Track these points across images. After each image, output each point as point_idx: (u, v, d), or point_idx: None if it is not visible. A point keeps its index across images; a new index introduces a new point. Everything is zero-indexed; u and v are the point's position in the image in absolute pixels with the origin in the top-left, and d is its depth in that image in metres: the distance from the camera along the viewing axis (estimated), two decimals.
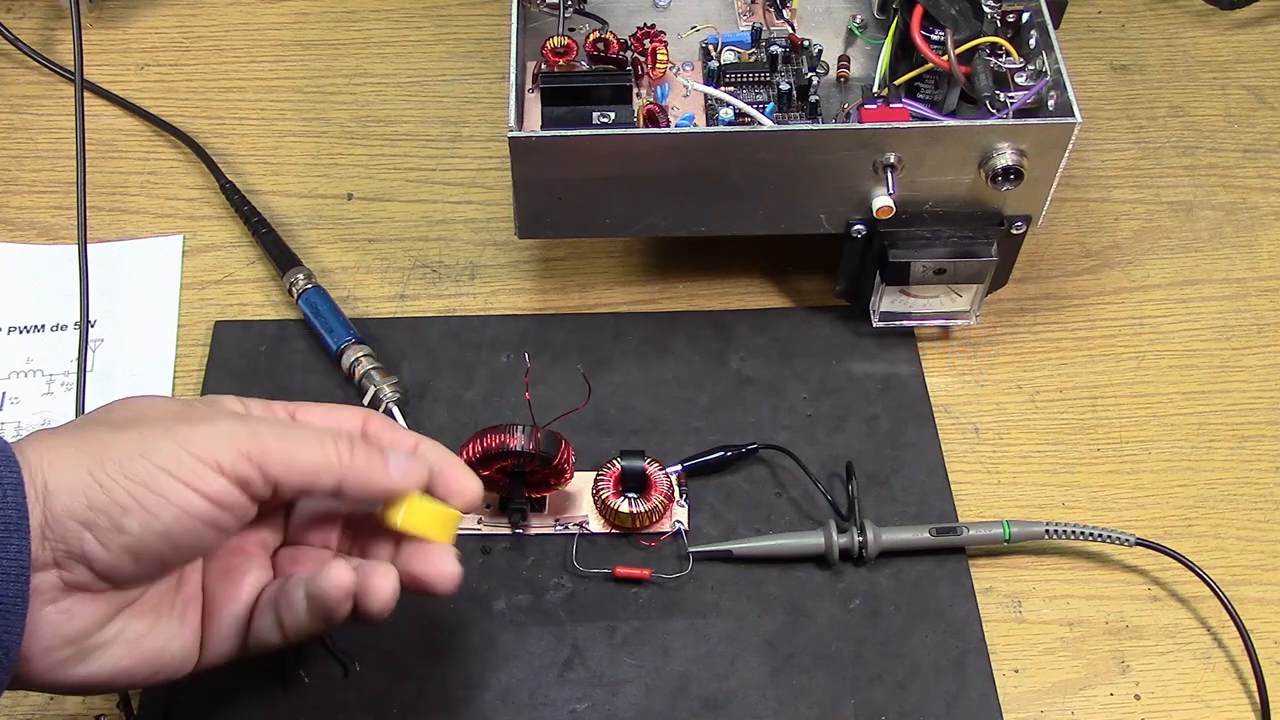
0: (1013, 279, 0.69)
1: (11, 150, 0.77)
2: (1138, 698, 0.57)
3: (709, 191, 0.63)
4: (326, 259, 0.72)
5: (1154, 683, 0.58)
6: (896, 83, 0.66)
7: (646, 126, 0.65)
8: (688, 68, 0.70)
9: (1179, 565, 0.60)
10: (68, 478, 0.43)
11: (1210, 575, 0.59)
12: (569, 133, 0.61)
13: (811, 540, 0.60)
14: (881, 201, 0.62)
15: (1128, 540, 0.60)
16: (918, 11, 0.64)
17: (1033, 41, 0.65)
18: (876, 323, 0.67)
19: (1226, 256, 0.73)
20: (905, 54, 0.66)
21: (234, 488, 0.45)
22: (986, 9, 0.64)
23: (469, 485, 0.52)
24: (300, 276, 0.68)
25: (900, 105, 0.63)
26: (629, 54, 0.68)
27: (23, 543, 0.42)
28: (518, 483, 0.59)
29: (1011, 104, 0.62)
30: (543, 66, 0.67)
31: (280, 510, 0.52)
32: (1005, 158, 0.60)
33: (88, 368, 0.65)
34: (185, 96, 0.80)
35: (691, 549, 0.60)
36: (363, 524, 0.53)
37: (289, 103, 0.80)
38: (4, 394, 0.66)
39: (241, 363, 0.67)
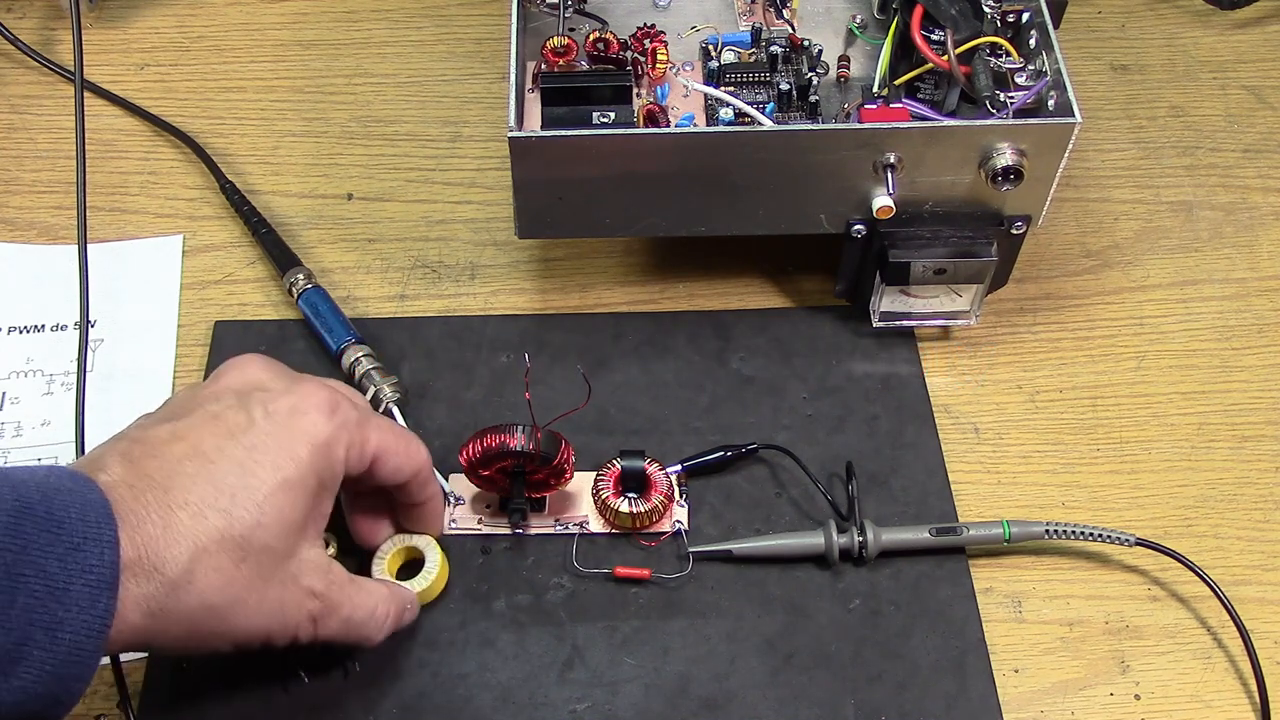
0: (1013, 279, 0.69)
1: (11, 150, 0.77)
2: (1138, 698, 0.57)
3: (709, 191, 0.63)
4: (326, 259, 0.72)
5: (1154, 683, 0.58)
6: (896, 83, 0.66)
7: (646, 126, 0.65)
8: (688, 68, 0.70)
9: (1179, 565, 0.60)
10: (132, 622, 0.46)
11: (1210, 575, 0.59)
12: (569, 133, 0.61)
13: (811, 540, 0.60)
14: (881, 201, 0.62)
15: (1128, 540, 0.60)
16: (918, 11, 0.64)
17: (1033, 41, 0.65)
18: (876, 323, 0.67)
19: (1226, 256, 0.73)
20: (905, 54, 0.66)
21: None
22: (986, 9, 0.64)
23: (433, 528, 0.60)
24: (300, 276, 0.68)
25: (900, 105, 0.63)
26: (629, 54, 0.68)
27: (110, 603, 0.44)
28: (518, 483, 0.59)
29: (1011, 104, 0.62)
30: (543, 66, 0.67)
31: None
32: (1005, 158, 0.60)
33: (88, 368, 0.65)
34: (185, 96, 0.80)
35: (691, 549, 0.60)
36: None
37: (289, 103, 0.80)
38: (4, 394, 0.66)
39: None
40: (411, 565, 0.59)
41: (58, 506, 0.44)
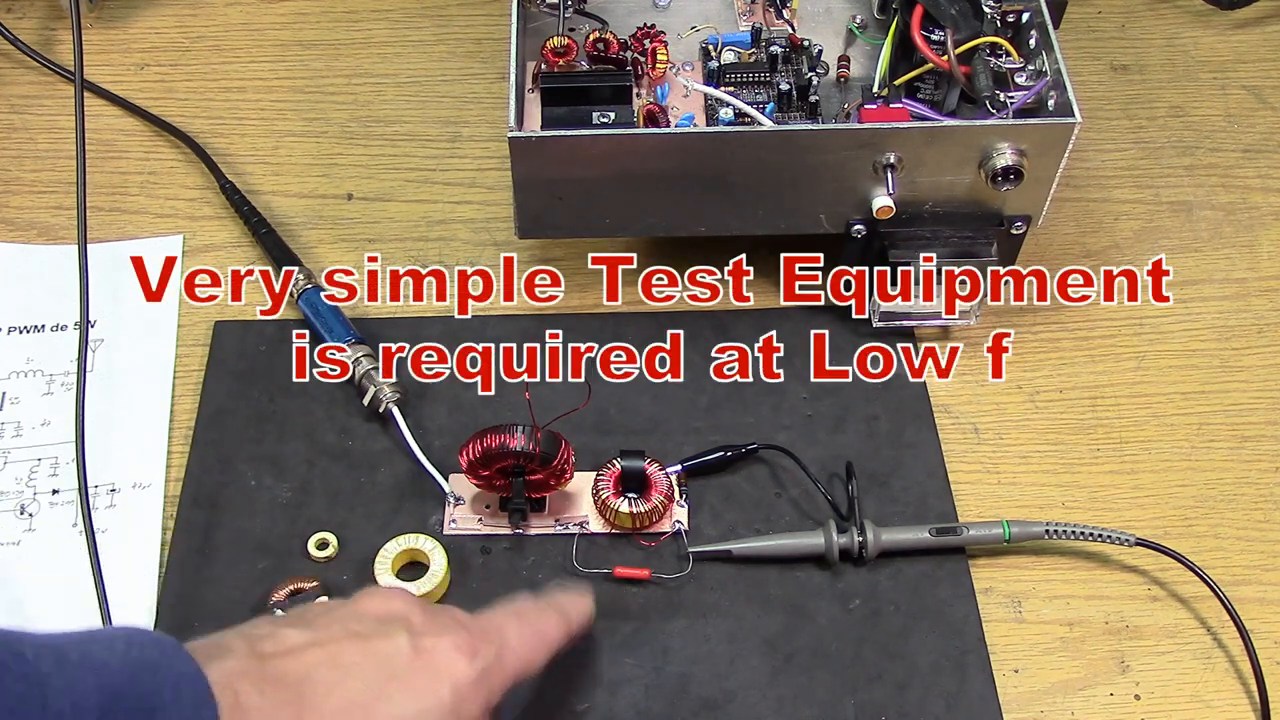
0: None
1: (11, 150, 0.77)
2: (1138, 698, 0.57)
3: (709, 191, 0.63)
4: (326, 259, 0.72)
5: (1154, 683, 0.58)
6: (896, 83, 0.66)
7: (646, 126, 0.65)
8: (688, 68, 0.70)
9: (1179, 565, 0.60)
10: None
11: (1210, 575, 0.59)
12: (569, 133, 0.61)
13: (811, 540, 0.60)
14: (881, 201, 0.62)
15: (1128, 540, 0.60)
16: (918, 11, 0.64)
17: (1033, 41, 0.65)
18: (876, 323, 0.67)
19: (1226, 256, 0.73)
20: (905, 54, 0.66)
21: None
22: (986, 9, 0.64)
23: None
24: (300, 277, 0.68)
25: (900, 105, 0.63)
26: (629, 54, 0.68)
27: None
28: (518, 483, 0.59)
29: (1011, 104, 0.62)
30: (543, 66, 0.67)
31: None
32: (1005, 158, 0.60)
33: (88, 368, 0.65)
34: (185, 96, 0.80)
35: (691, 549, 0.60)
36: None
37: (289, 103, 0.80)
38: (4, 394, 0.66)
39: (241, 363, 0.67)
40: (414, 566, 0.59)
41: (149, 690, 0.40)
